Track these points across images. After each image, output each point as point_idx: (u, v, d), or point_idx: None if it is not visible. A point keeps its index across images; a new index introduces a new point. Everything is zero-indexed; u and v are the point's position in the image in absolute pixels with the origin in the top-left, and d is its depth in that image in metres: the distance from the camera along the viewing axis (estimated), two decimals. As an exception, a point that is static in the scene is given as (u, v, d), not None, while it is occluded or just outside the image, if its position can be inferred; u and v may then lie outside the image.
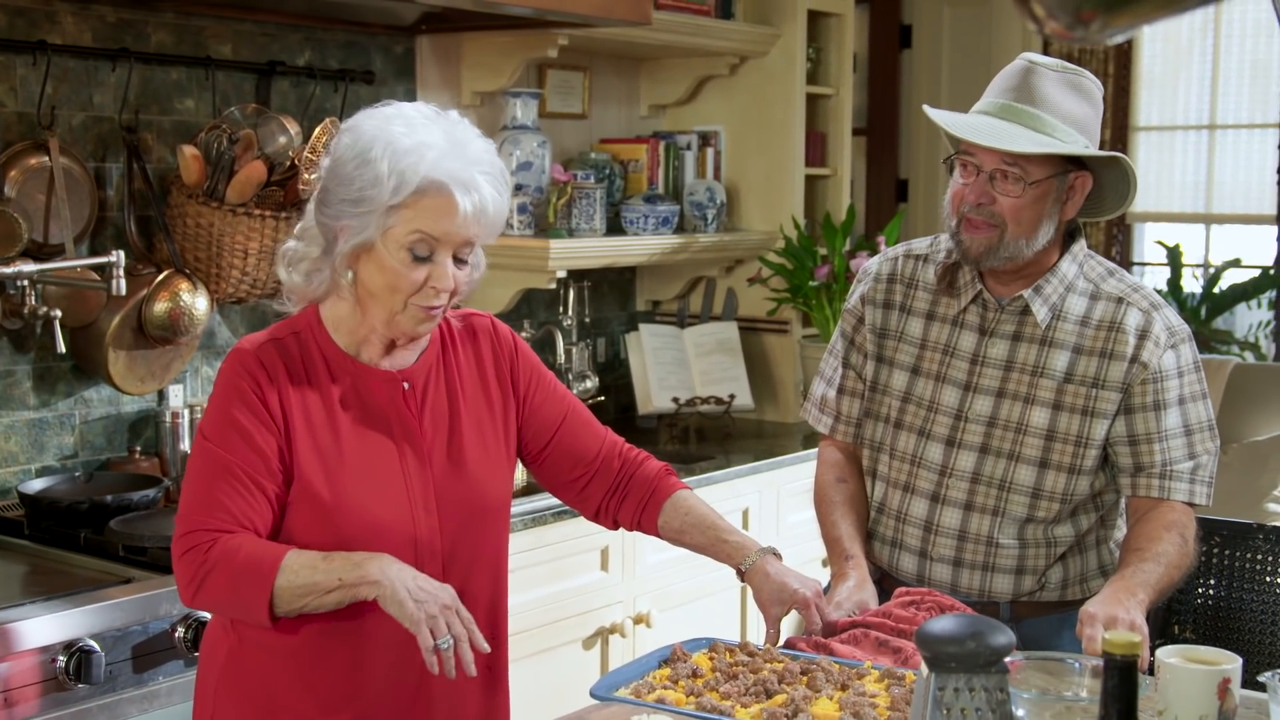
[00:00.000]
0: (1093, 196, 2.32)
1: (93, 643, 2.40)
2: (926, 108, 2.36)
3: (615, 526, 2.27)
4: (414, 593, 1.86)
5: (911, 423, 2.41)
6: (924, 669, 1.47)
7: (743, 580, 2.16)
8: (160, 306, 3.08)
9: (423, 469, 2.01)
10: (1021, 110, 2.25)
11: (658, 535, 2.23)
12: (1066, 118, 2.25)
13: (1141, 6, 0.82)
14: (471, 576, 2.03)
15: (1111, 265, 2.42)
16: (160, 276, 3.10)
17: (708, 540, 2.19)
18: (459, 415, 2.07)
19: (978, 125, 2.25)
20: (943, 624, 1.47)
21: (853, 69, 4.67)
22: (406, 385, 2.03)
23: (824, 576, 4.05)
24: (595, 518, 2.26)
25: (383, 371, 2.03)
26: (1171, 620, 2.59)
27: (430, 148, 1.89)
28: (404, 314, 1.95)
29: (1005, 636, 1.46)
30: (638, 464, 2.27)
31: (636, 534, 2.55)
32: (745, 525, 3.86)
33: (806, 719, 1.78)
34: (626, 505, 2.23)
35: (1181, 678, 1.79)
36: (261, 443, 1.93)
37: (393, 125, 1.92)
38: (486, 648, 1.88)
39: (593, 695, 1.89)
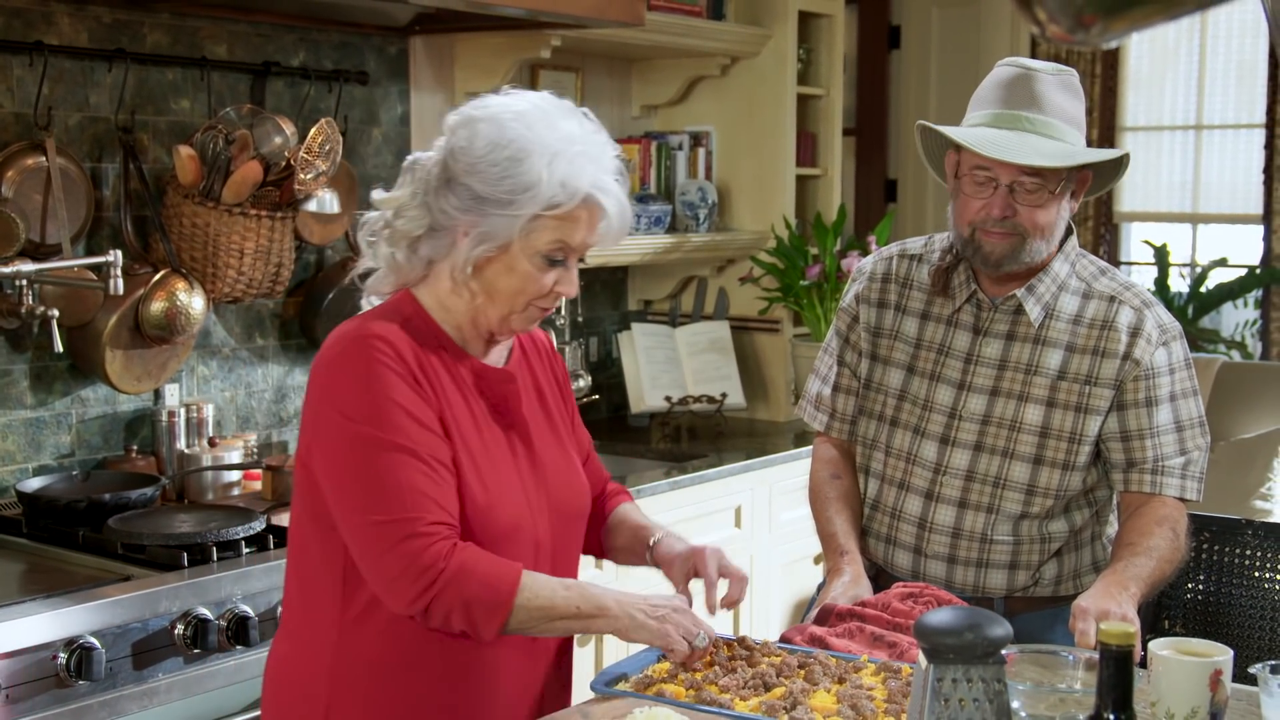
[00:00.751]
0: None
1: (93, 640, 2.42)
2: (939, 126, 2.35)
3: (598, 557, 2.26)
4: (649, 613, 1.91)
5: (907, 420, 2.44)
6: (923, 660, 1.49)
7: (651, 560, 2.14)
8: (157, 306, 3.10)
9: (534, 470, 1.98)
10: (1031, 119, 2.27)
11: (601, 552, 2.23)
12: (1068, 119, 2.29)
13: (1140, 11, 0.85)
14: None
15: (1103, 264, 2.45)
16: (157, 276, 3.12)
17: (631, 532, 2.17)
18: (550, 419, 2.06)
19: (997, 140, 2.25)
20: (941, 616, 1.50)
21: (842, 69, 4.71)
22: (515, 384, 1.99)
23: (816, 574, 4.09)
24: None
25: (498, 369, 1.99)
26: (1162, 615, 2.62)
27: (590, 158, 1.86)
28: (521, 314, 1.93)
29: (1002, 629, 1.48)
30: (604, 489, 2.25)
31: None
32: (738, 523, 3.88)
33: (805, 711, 1.80)
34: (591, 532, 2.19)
35: (1174, 669, 1.82)
36: (431, 423, 1.85)
37: (541, 125, 1.86)
38: (715, 633, 1.96)
39: (593, 689, 1.91)
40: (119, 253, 2.93)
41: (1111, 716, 1.45)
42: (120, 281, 2.92)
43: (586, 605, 1.88)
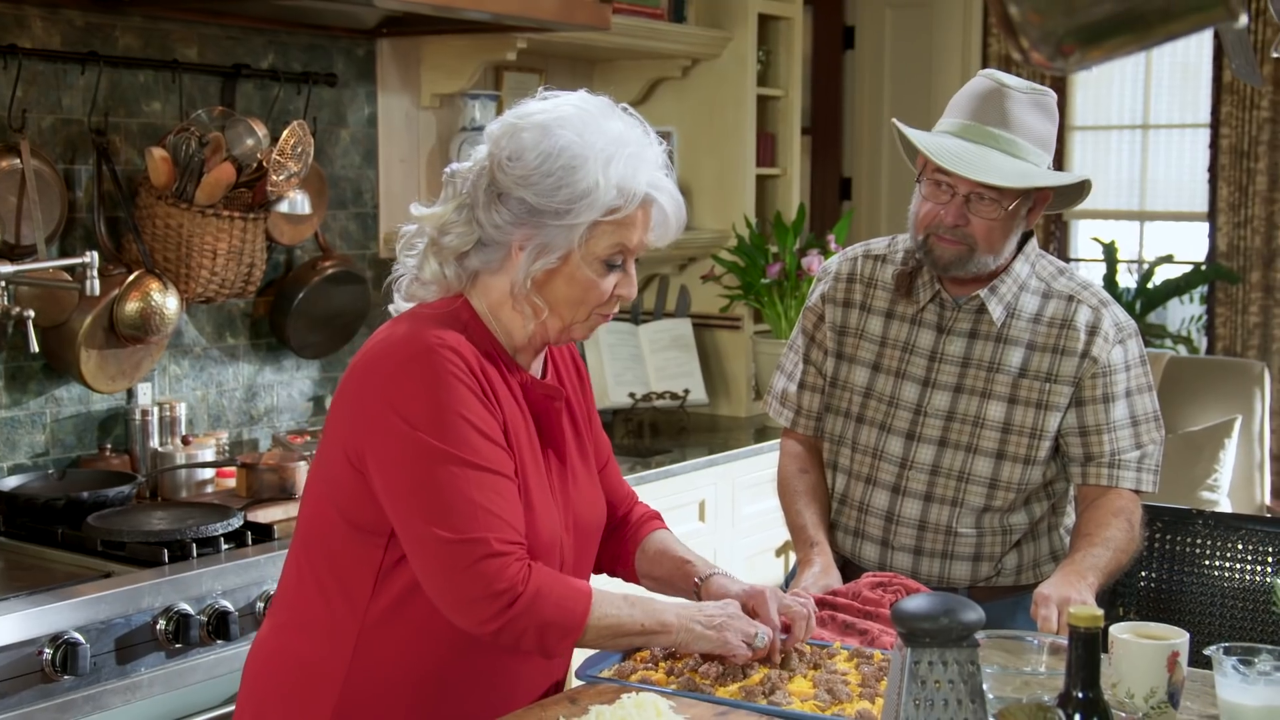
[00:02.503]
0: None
1: (78, 635, 2.46)
2: (904, 128, 2.41)
3: (598, 571, 2.19)
4: (705, 624, 1.92)
5: (873, 417, 2.51)
6: (900, 644, 1.57)
7: (700, 598, 2.10)
8: (132, 306, 3.13)
9: (563, 484, 1.97)
10: (997, 135, 2.33)
11: (632, 576, 2.19)
12: (1037, 140, 2.35)
13: (1115, 41, 0.92)
14: None
15: (1062, 264, 2.54)
16: (131, 277, 3.15)
17: (674, 566, 2.14)
18: (577, 430, 2.04)
19: (958, 152, 2.32)
20: (917, 602, 1.57)
21: (800, 70, 4.79)
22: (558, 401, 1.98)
23: (779, 566, 4.17)
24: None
25: (546, 383, 1.97)
26: (1116, 602, 2.71)
27: (642, 157, 1.84)
28: (584, 323, 1.91)
29: (975, 613, 1.56)
30: (633, 508, 2.23)
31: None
32: (702, 517, 3.96)
33: (783, 696, 1.88)
34: (608, 546, 2.16)
35: (1133, 652, 1.91)
36: (497, 437, 1.83)
37: (590, 129, 1.82)
38: (771, 634, 1.95)
39: (579, 677, 1.98)
40: (95, 254, 2.96)
41: (1080, 695, 1.54)
42: (96, 282, 2.95)
43: (650, 622, 1.89)
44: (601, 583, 2.00)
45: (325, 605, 1.91)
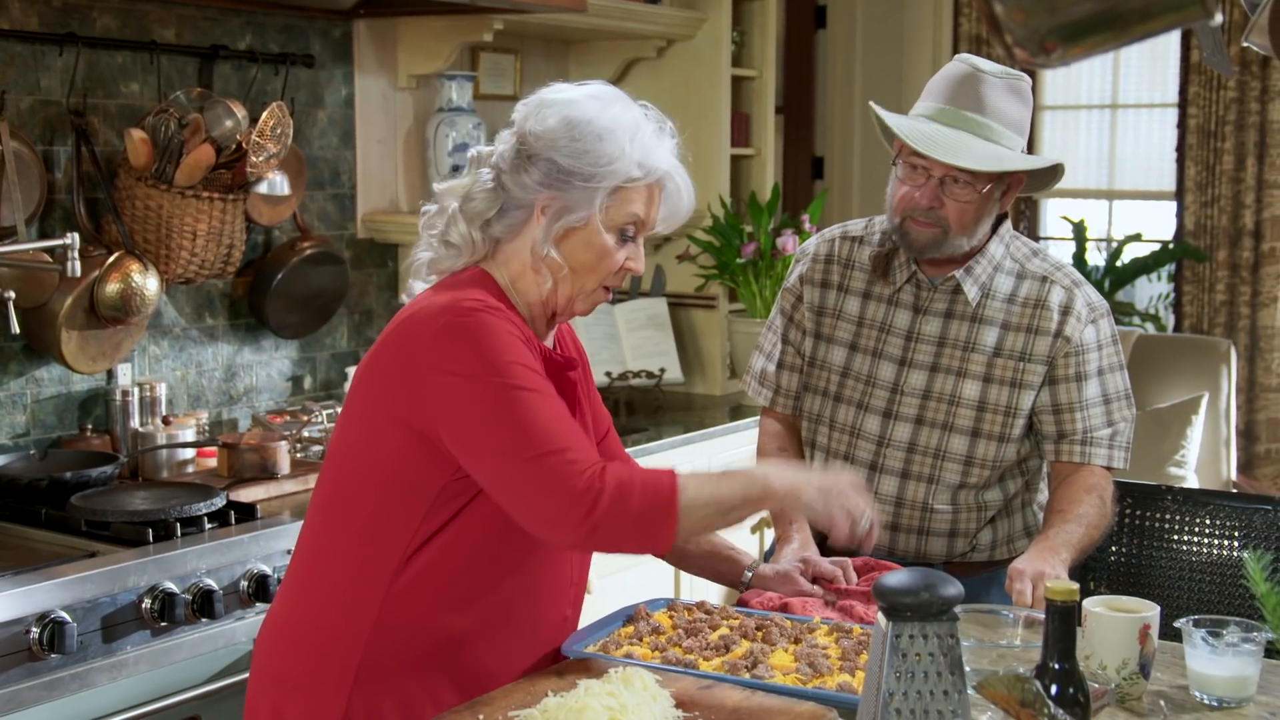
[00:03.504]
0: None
1: (64, 614, 2.48)
2: (881, 111, 2.45)
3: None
4: (814, 491, 1.91)
5: (850, 396, 2.56)
6: (882, 618, 1.61)
7: (745, 586, 2.25)
8: (112, 287, 3.14)
9: None
10: (971, 119, 2.38)
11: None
12: (1011, 124, 2.40)
13: (1095, 39, 0.96)
14: (587, 561, 2.12)
15: (1035, 245, 2.59)
16: (111, 258, 3.16)
17: (710, 548, 2.24)
18: (580, 407, 2.09)
19: (933, 135, 2.36)
20: (899, 577, 1.61)
21: (772, 50, 4.82)
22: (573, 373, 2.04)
23: (753, 543, 4.22)
24: None
25: (563, 356, 2.04)
26: (1088, 577, 2.76)
27: (661, 142, 1.97)
28: (588, 296, 1.99)
29: (954, 588, 1.61)
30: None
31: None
32: (678, 494, 3.99)
33: (765, 669, 1.92)
34: None
35: (1106, 625, 1.96)
36: (548, 383, 1.90)
37: (616, 107, 1.95)
38: (874, 518, 1.95)
39: (565, 652, 2.02)
40: (75, 235, 2.97)
41: (1056, 666, 1.59)
42: (77, 264, 2.96)
43: (753, 489, 1.90)
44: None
45: (352, 571, 1.94)
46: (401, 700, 1.92)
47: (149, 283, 3.19)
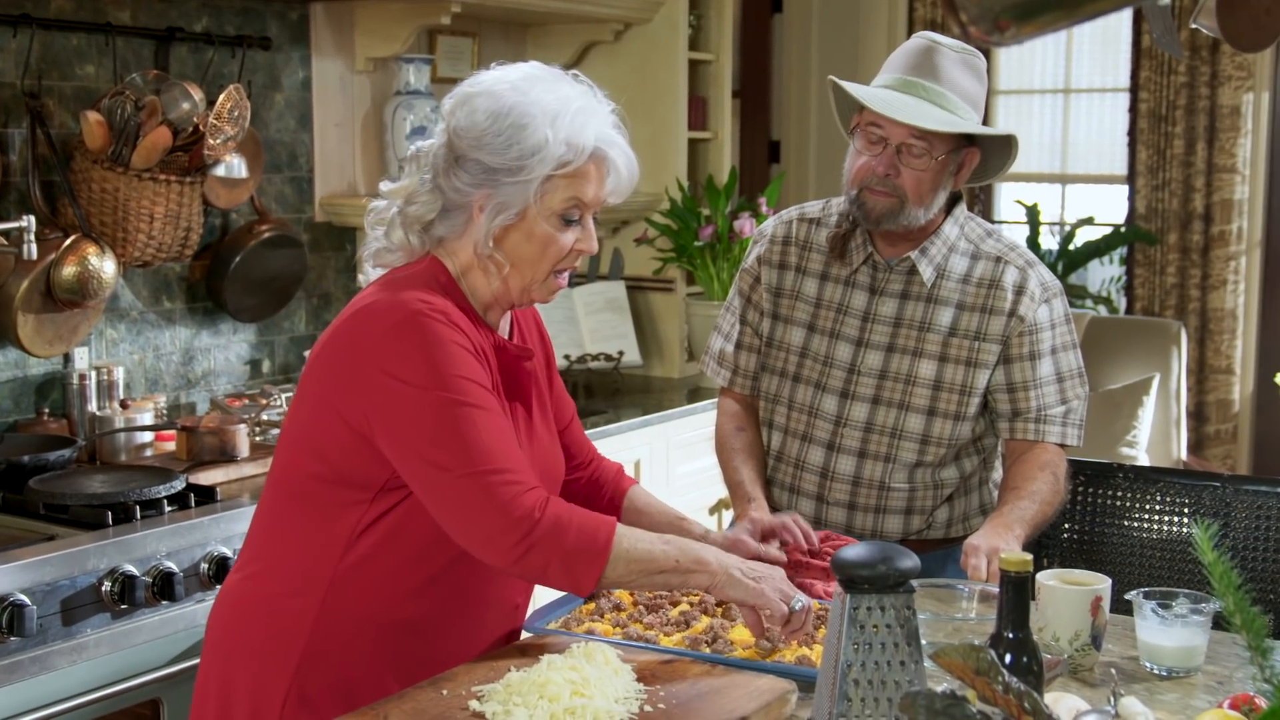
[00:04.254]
0: (977, 167, 2.51)
1: (24, 597, 2.48)
2: (841, 81, 2.48)
3: None
4: (746, 573, 1.92)
5: (808, 376, 2.59)
6: (839, 590, 1.64)
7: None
8: (69, 270, 3.13)
9: (530, 441, 2.02)
10: (929, 87, 2.41)
11: None
12: (965, 96, 2.43)
13: (1047, 17, 0.98)
14: None
15: (990, 226, 2.62)
16: (68, 241, 3.15)
17: (669, 524, 2.20)
18: (539, 390, 2.09)
19: (891, 101, 2.40)
20: (856, 551, 1.64)
21: (730, 35, 4.84)
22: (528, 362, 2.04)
23: (713, 523, 4.24)
24: None
25: (517, 344, 2.03)
26: (1041, 554, 2.80)
27: (590, 113, 1.91)
28: (542, 284, 1.98)
29: (911, 561, 1.64)
30: (598, 465, 2.31)
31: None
32: (637, 475, 4.02)
33: (725, 644, 1.95)
34: (590, 505, 2.17)
35: (1059, 597, 2.00)
36: (490, 389, 1.90)
37: (537, 90, 1.90)
38: (808, 601, 1.95)
39: (526, 629, 2.03)
40: (31, 218, 2.96)
41: (1011, 635, 1.62)
42: (34, 246, 2.96)
43: (685, 559, 1.90)
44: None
45: (301, 550, 1.95)
46: (343, 681, 1.92)
47: (106, 266, 3.18)
